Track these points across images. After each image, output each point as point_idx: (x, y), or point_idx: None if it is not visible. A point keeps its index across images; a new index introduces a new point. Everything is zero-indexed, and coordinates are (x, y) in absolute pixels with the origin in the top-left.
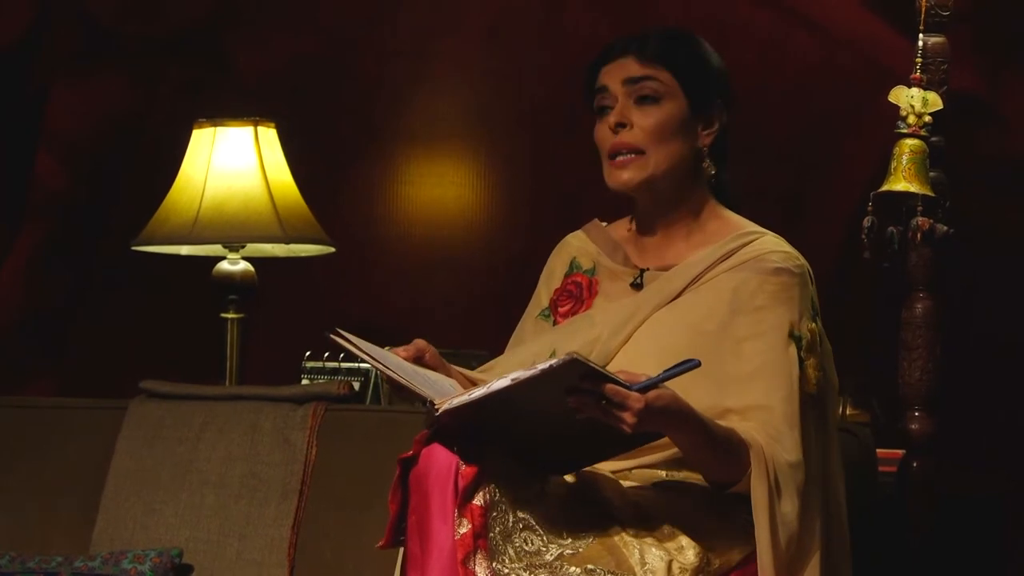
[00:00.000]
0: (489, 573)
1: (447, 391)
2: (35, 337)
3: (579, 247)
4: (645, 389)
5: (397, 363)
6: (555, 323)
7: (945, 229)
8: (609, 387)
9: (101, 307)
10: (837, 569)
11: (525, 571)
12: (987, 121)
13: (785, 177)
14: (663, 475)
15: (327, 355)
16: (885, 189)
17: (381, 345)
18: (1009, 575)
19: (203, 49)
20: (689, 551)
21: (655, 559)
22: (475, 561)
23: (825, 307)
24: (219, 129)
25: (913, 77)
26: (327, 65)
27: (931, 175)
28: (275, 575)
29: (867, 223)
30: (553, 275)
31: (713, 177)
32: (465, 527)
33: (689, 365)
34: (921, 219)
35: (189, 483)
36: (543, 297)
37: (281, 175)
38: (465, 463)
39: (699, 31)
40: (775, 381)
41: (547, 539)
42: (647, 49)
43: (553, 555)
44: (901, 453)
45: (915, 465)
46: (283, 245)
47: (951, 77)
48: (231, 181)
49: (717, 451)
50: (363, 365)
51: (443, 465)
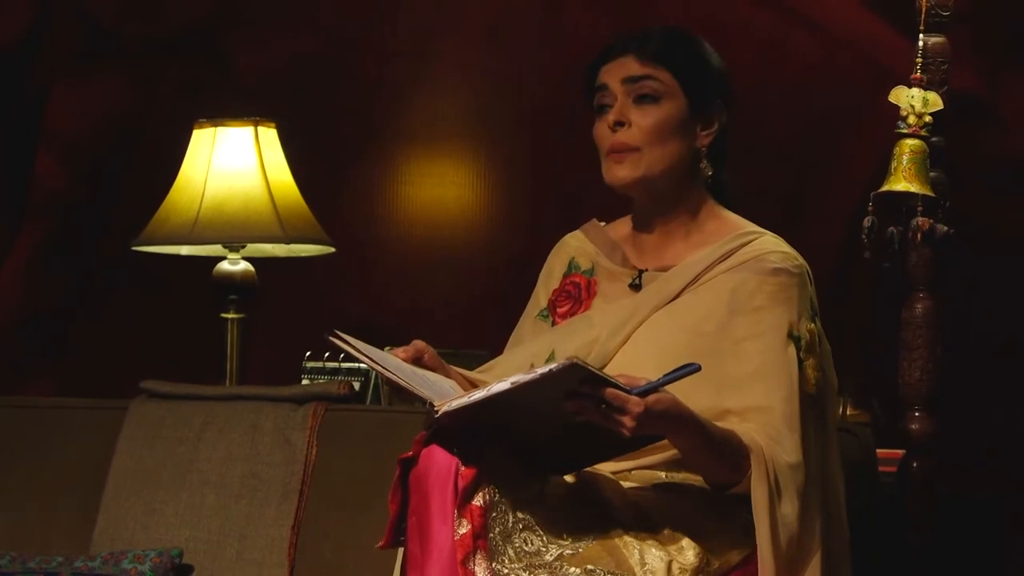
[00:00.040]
0: (489, 573)
1: (446, 392)
2: (35, 337)
3: (577, 247)
4: (645, 393)
5: (396, 364)
6: (554, 323)
7: (945, 229)
8: (609, 391)
9: (101, 307)
10: (837, 569)
11: (525, 571)
12: (987, 121)
13: (785, 177)
14: (663, 476)
15: (327, 355)
16: (885, 189)
17: (381, 345)
18: (1009, 575)
19: (203, 49)
20: (689, 551)
21: (655, 559)
22: (475, 561)
23: (825, 307)
24: (219, 129)
25: (913, 77)
26: (327, 65)
27: (931, 175)
28: (275, 575)
29: (867, 223)
30: (551, 275)
31: (710, 177)
32: (465, 527)
33: (689, 369)
34: (921, 219)
35: (189, 483)
36: (541, 297)
37: (281, 175)
38: (465, 464)
39: (699, 31)
40: (774, 382)
41: (547, 539)
42: (647, 48)
43: (553, 555)
44: (901, 453)
45: (915, 465)
46: (283, 245)
47: (951, 77)
48: (231, 181)
49: (717, 454)
50: (363, 365)
51: (443, 465)
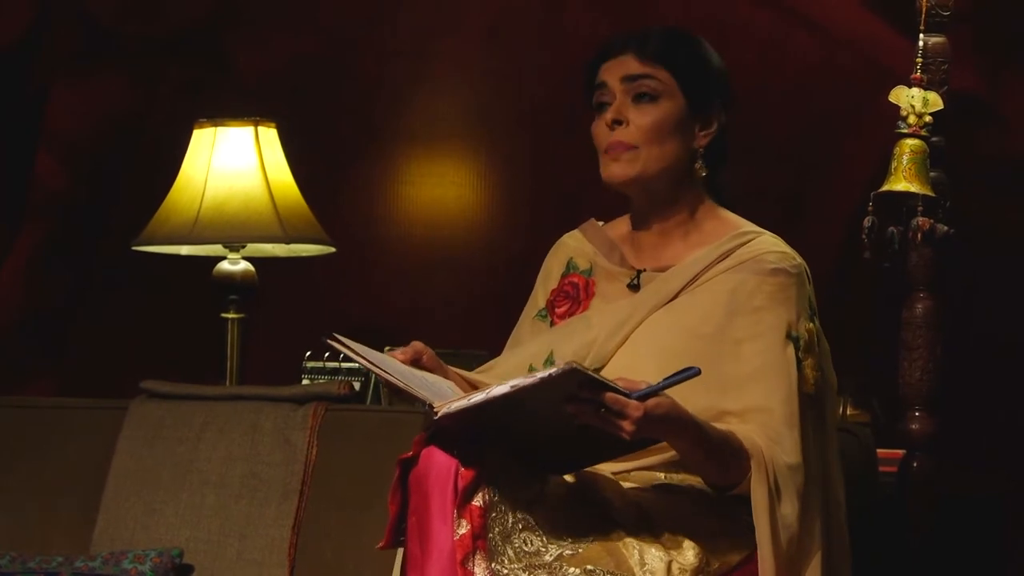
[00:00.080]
0: (488, 574)
1: (445, 393)
2: (35, 337)
3: (576, 247)
4: (644, 397)
5: (395, 366)
6: (552, 324)
7: (945, 229)
8: (608, 395)
9: (101, 307)
10: (837, 569)
11: (524, 572)
12: (987, 121)
13: (785, 177)
14: (662, 477)
15: (327, 355)
16: (886, 189)
17: (381, 346)
18: (1009, 575)
19: (203, 49)
20: (689, 552)
21: (654, 560)
22: (474, 562)
23: (825, 307)
24: (220, 129)
25: (914, 77)
26: (327, 65)
27: (931, 175)
28: (275, 575)
29: (867, 223)
30: (550, 275)
31: (706, 178)
32: (464, 528)
33: (689, 373)
34: (921, 219)
35: (189, 483)
36: (540, 298)
37: (282, 175)
38: (464, 466)
39: (699, 31)
40: (773, 383)
41: (546, 540)
42: (647, 47)
43: (552, 556)
44: (901, 453)
45: (915, 465)
46: (283, 245)
47: (951, 77)
48: (232, 181)
49: (716, 456)
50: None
51: (443, 466)
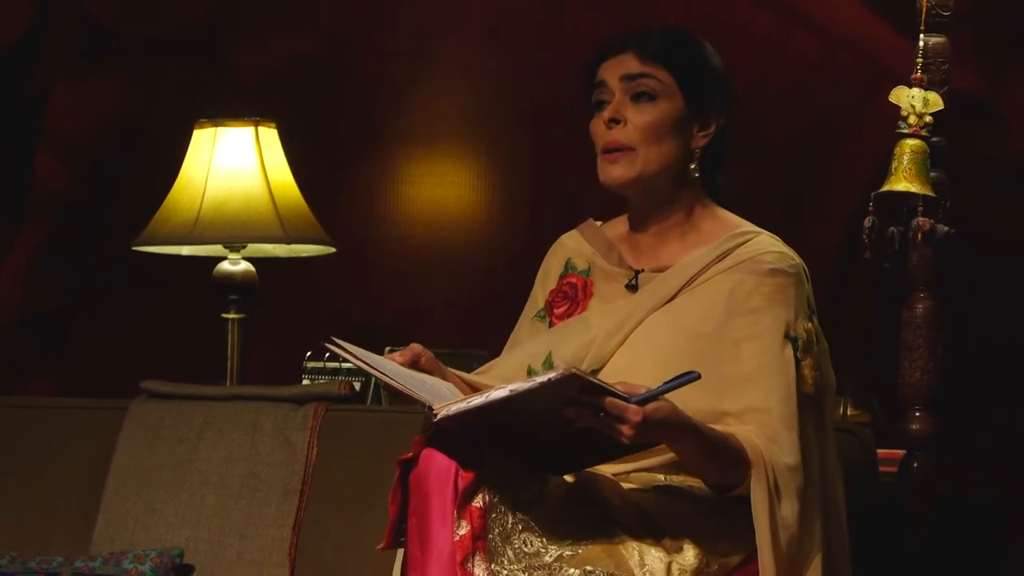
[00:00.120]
0: (488, 574)
1: (445, 395)
2: (35, 337)
3: (574, 248)
4: (644, 401)
5: (393, 369)
6: (551, 324)
7: (946, 229)
8: (608, 400)
9: (101, 307)
10: (837, 569)
11: (524, 572)
12: (987, 121)
13: (785, 177)
14: (662, 478)
15: (328, 355)
16: (886, 189)
17: (381, 346)
18: (1009, 575)
19: (203, 49)
20: (689, 553)
21: (654, 561)
22: (474, 562)
23: (825, 307)
24: (220, 129)
25: (914, 77)
26: (327, 65)
27: (932, 175)
28: (276, 575)
29: (868, 223)
30: (548, 276)
31: (700, 178)
32: (464, 528)
33: (689, 378)
34: (922, 219)
35: (190, 483)
36: (539, 298)
37: (282, 175)
38: (464, 469)
39: (699, 31)
40: (772, 383)
41: (546, 540)
42: (647, 47)
43: (552, 556)
44: (901, 453)
45: (915, 465)
46: (284, 245)
47: (952, 77)
48: (232, 181)
49: (716, 458)
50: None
51: (443, 467)
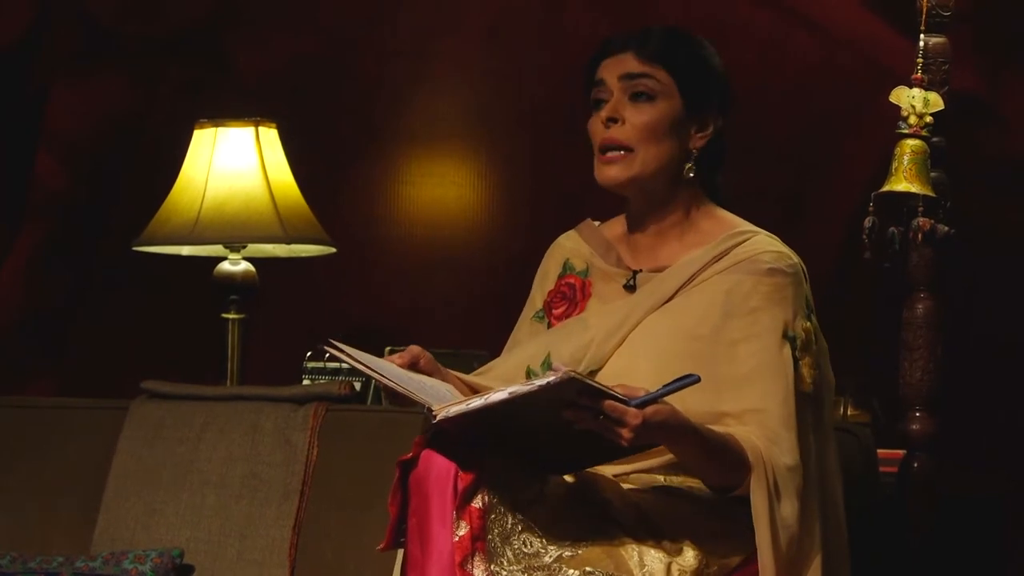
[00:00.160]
0: (487, 575)
1: (444, 397)
2: (35, 337)
3: (572, 248)
4: (643, 404)
5: (393, 371)
6: (549, 325)
7: (946, 229)
8: (607, 403)
9: (101, 307)
10: (837, 569)
11: (523, 573)
12: (988, 121)
13: (785, 177)
14: (661, 479)
15: (328, 356)
16: (886, 189)
17: (381, 346)
18: (1009, 575)
19: (203, 49)
20: (688, 554)
21: (654, 561)
22: (473, 563)
23: (825, 307)
24: (220, 129)
25: (914, 77)
26: (327, 65)
27: (932, 175)
28: (276, 575)
29: (868, 223)
30: (547, 277)
31: (701, 178)
32: (464, 529)
33: (688, 381)
34: (922, 219)
35: (190, 483)
36: (537, 299)
37: (282, 175)
38: (463, 470)
39: (699, 31)
40: (771, 384)
41: (546, 541)
42: (647, 47)
43: (552, 557)
44: (902, 453)
45: (915, 465)
46: (284, 245)
47: (952, 77)
48: (232, 181)
49: (715, 460)
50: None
51: (442, 468)
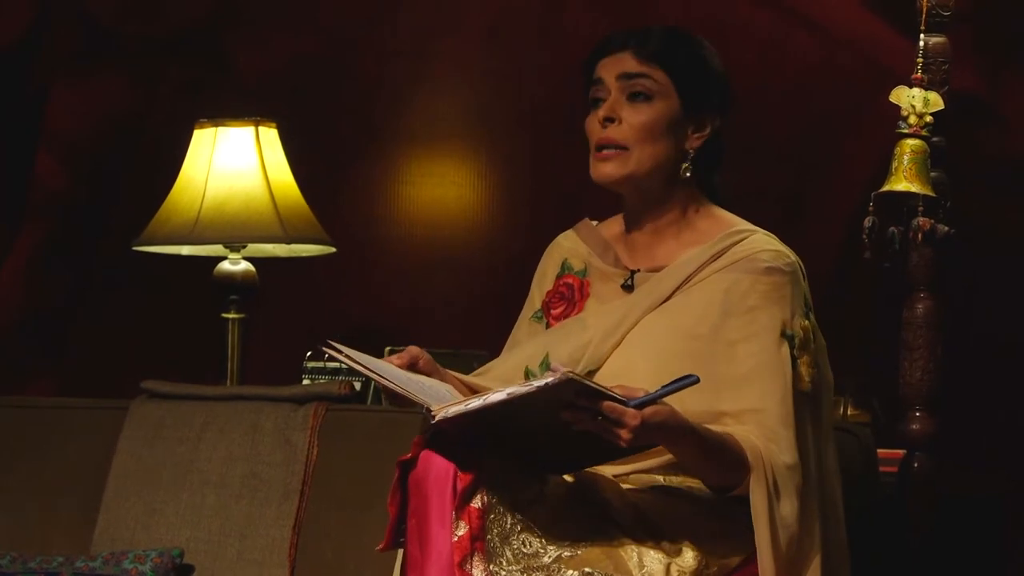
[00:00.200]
0: (486, 575)
1: (444, 397)
2: (35, 337)
3: (570, 248)
4: (642, 405)
5: (392, 371)
6: (548, 325)
7: (946, 229)
8: (606, 404)
9: (101, 307)
10: (836, 569)
11: (522, 573)
12: (988, 121)
13: (785, 177)
14: (661, 480)
15: (327, 356)
16: (886, 189)
17: (381, 346)
18: (1009, 575)
19: (203, 49)
20: (688, 554)
21: (653, 562)
22: (472, 563)
23: (825, 307)
24: (220, 129)
25: (914, 77)
26: (327, 65)
27: (932, 175)
28: (276, 575)
29: (868, 223)
30: (545, 277)
31: (698, 178)
32: (463, 529)
33: (687, 381)
34: (922, 219)
35: (190, 483)
36: (536, 299)
37: (282, 175)
38: (462, 471)
39: (699, 31)
40: (769, 383)
41: (545, 541)
42: (646, 47)
43: (551, 557)
44: (902, 453)
45: (915, 465)
46: (284, 245)
47: (952, 77)
48: (232, 181)
49: (714, 459)
50: None
51: (442, 468)
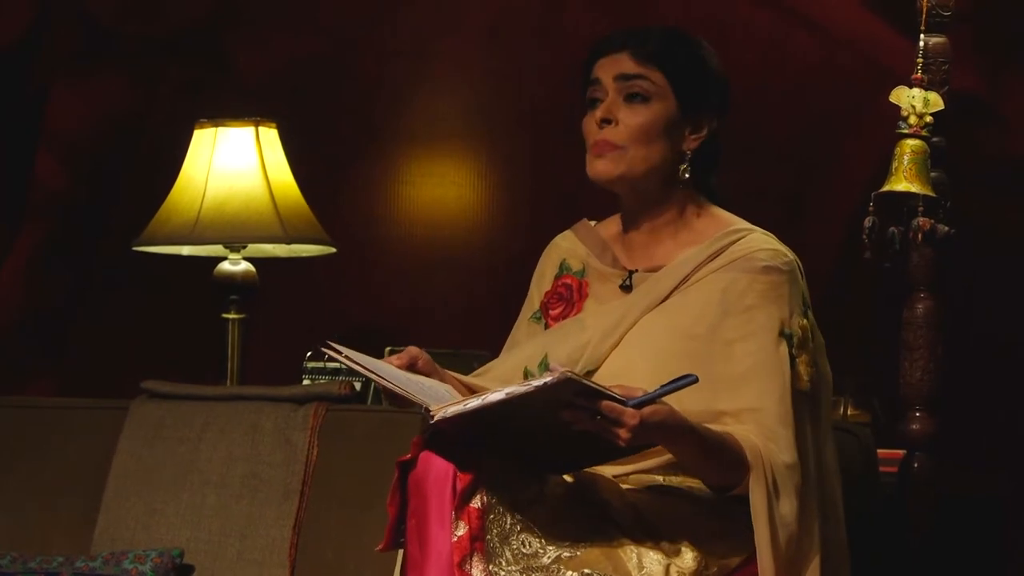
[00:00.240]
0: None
1: (443, 397)
2: (35, 337)
3: (568, 248)
4: (641, 404)
5: (391, 372)
6: (547, 326)
7: (946, 229)
8: (604, 404)
9: (101, 307)
10: (835, 568)
11: (521, 574)
12: (988, 121)
13: (785, 177)
14: (660, 480)
15: (327, 356)
16: (886, 189)
17: (381, 346)
18: (1009, 575)
19: (203, 49)
20: (687, 555)
21: (653, 563)
22: (471, 563)
23: (825, 307)
24: (220, 129)
25: (914, 77)
26: (327, 65)
27: (932, 175)
28: (276, 575)
29: (868, 223)
30: (544, 277)
31: (696, 179)
32: (462, 529)
33: (686, 381)
34: (922, 219)
35: (190, 483)
36: (535, 300)
37: (282, 175)
38: (461, 471)
39: (699, 31)
40: (767, 382)
41: (544, 541)
42: (643, 48)
43: (551, 558)
44: (902, 453)
45: (915, 465)
46: (284, 245)
47: (952, 77)
48: (232, 181)
49: (714, 459)
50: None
51: (441, 468)
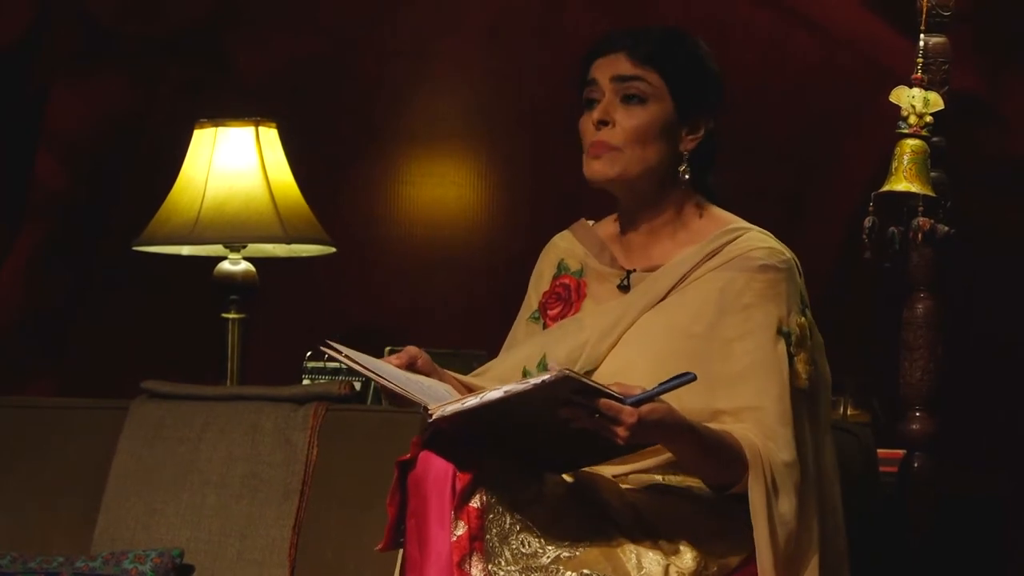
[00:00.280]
0: (485, 575)
1: (442, 396)
2: (35, 337)
3: (566, 248)
4: (639, 403)
5: (390, 371)
6: (545, 326)
7: (946, 229)
8: (603, 402)
9: (101, 307)
10: (835, 567)
11: (521, 574)
12: (988, 121)
13: (785, 177)
14: (660, 479)
15: (327, 356)
16: (886, 189)
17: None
18: (1009, 575)
19: (203, 49)
20: (687, 556)
21: (652, 564)
22: (471, 563)
23: (825, 307)
24: (220, 129)
25: (914, 77)
26: (327, 65)
27: (932, 175)
28: (276, 575)
29: (868, 223)
30: (542, 277)
31: (688, 181)
32: (462, 529)
33: (685, 379)
34: (922, 219)
35: (190, 483)
36: (533, 300)
37: (282, 175)
38: (460, 470)
39: (699, 31)
40: (765, 381)
41: (544, 541)
42: (640, 49)
43: (550, 558)
44: (902, 453)
45: (915, 465)
46: (284, 245)
47: (952, 77)
48: (232, 181)
49: (713, 457)
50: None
51: (440, 468)
